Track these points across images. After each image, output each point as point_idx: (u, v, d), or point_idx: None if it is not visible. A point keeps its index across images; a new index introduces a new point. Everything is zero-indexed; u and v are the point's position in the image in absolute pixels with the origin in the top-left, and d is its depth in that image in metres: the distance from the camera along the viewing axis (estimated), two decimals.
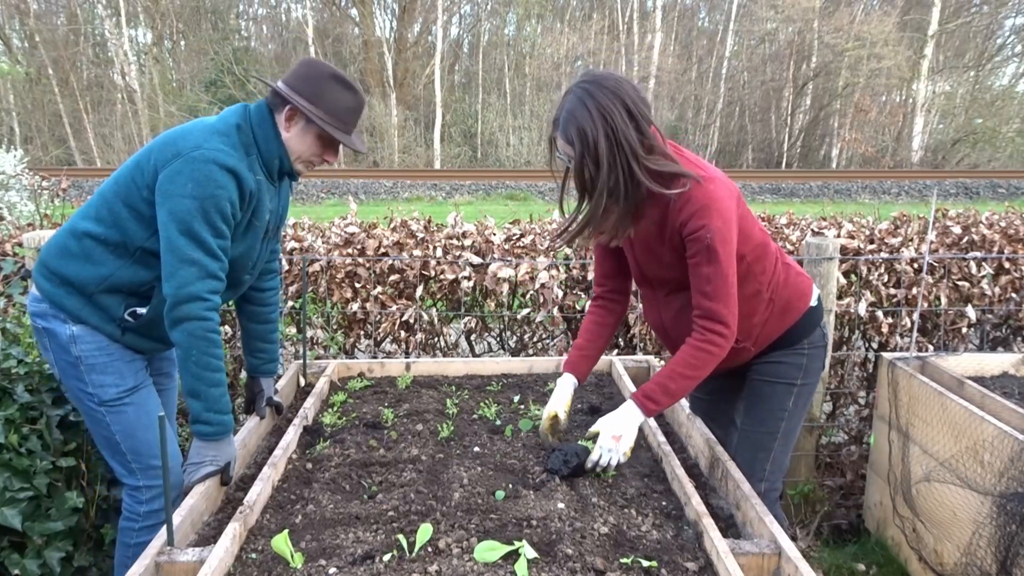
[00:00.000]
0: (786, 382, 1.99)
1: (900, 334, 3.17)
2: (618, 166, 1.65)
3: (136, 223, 1.77)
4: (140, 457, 1.90)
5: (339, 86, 1.84)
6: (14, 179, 5.30)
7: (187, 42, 25.07)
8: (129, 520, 1.94)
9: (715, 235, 1.68)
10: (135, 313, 1.85)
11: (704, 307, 1.75)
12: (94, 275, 1.80)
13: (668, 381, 1.78)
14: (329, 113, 1.82)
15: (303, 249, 3.08)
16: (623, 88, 1.65)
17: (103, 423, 1.87)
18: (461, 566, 1.34)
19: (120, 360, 1.88)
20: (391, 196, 14.49)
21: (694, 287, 1.76)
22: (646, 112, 1.68)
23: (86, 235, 1.81)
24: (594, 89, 1.64)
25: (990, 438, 2.15)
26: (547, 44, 24.61)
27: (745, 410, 2.06)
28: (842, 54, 23.15)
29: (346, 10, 25.76)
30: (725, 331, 1.74)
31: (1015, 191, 15.82)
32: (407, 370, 2.61)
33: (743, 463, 1.91)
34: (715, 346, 1.75)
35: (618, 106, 1.63)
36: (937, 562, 2.41)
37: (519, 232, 3.23)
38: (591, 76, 1.68)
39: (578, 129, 1.64)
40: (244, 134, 1.81)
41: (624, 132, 1.63)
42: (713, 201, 1.70)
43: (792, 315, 1.95)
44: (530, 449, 1.94)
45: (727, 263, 1.71)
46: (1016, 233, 3.39)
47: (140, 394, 1.91)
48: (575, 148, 1.66)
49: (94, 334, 1.83)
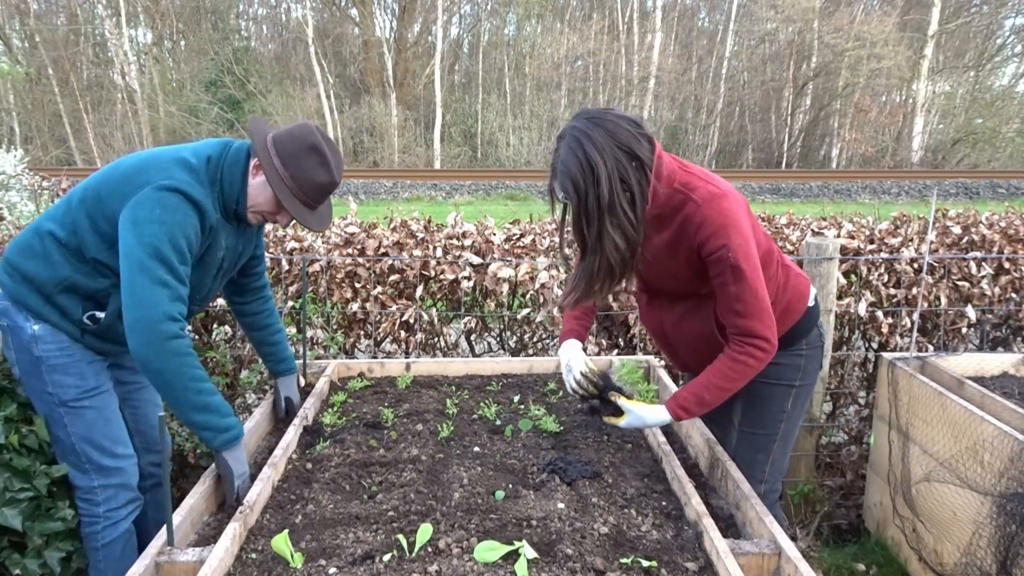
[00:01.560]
0: (784, 383, 1.98)
1: (900, 334, 3.17)
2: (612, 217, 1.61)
3: (93, 235, 1.79)
4: (92, 458, 1.91)
5: (318, 161, 1.81)
6: (14, 179, 5.30)
7: (187, 42, 25.07)
8: (91, 525, 1.95)
9: (737, 252, 1.66)
10: (94, 317, 1.86)
11: (739, 326, 1.73)
12: (52, 275, 1.82)
13: (704, 392, 1.76)
14: (295, 180, 1.81)
15: (303, 249, 3.08)
16: (618, 128, 1.60)
17: (60, 423, 1.88)
18: (461, 566, 1.34)
19: (82, 361, 1.88)
20: (391, 196, 14.49)
21: (723, 306, 1.74)
22: (647, 148, 1.63)
23: (49, 235, 1.83)
24: (585, 136, 1.59)
25: (990, 438, 2.15)
26: (547, 44, 24.60)
27: (743, 412, 2.06)
28: (842, 54, 23.15)
29: (346, 10, 25.77)
30: (765, 345, 1.73)
31: (1015, 191, 15.82)
32: (407, 370, 2.61)
33: (742, 465, 1.91)
34: (753, 358, 1.73)
35: (608, 151, 1.58)
36: (937, 562, 2.41)
37: (519, 232, 3.23)
38: (583, 117, 1.63)
39: (572, 180, 1.60)
40: (212, 170, 1.82)
41: (618, 179, 1.59)
42: (728, 219, 1.68)
43: (791, 317, 1.95)
44: (530, 449, 1.94)
45: (754, 277, 1.69)
46: (1016, 233, 3.39)
47: (101, 397, 1.92)
48: (572, 200, 1.63)
49: (56, 334, 1.84)
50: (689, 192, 1.71)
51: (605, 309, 3.06)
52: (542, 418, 2.12)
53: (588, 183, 1.58)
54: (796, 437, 2.15)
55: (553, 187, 1.70)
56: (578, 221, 1.65)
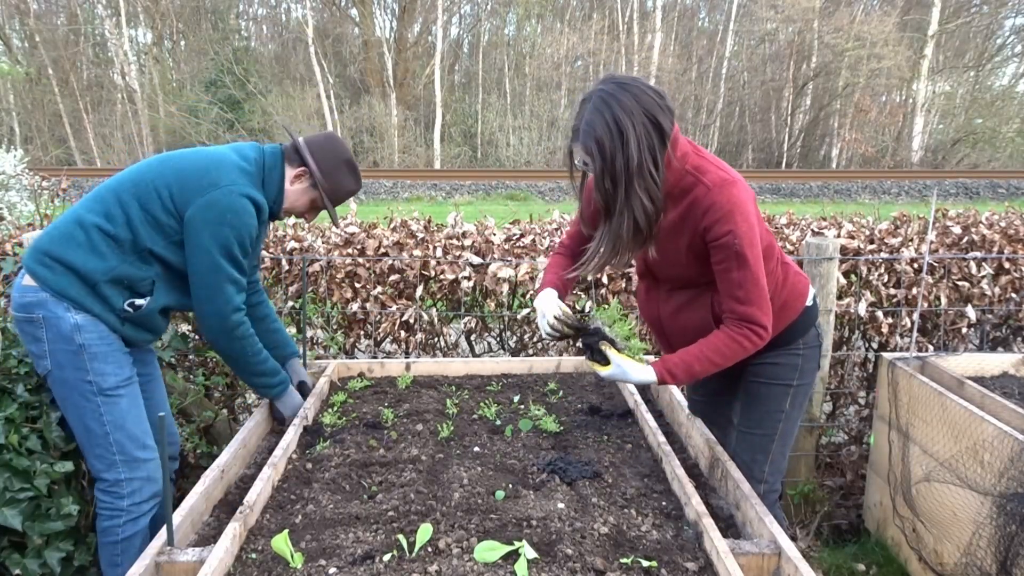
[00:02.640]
0: (782, 383, 1.98)
1: (900, 334, 3.17)
2: (640, 179, 1.63)
3: (150, 227, 1.91)
4: (125, 449, 1.94)
5: (351, 172, 2.14)
6: (14, 179, 5.31)
7: (187, 42, 25.07)
8: (111, 518, 1.96)
9: (742, 239, 1.68)
10: (134, 304, 1.96)
11: (738, 312, 1.74)
12: (100, 266, 1.89)
13: (694, 361, 1.77)
14: (333, 190, 2.12)
15: (303, 249, 3.08)
16: (644, 95, 1.62)
17: (96, 413, 1.91)
18: (461, 566, 1.34)
19: (119, 351, 1.96)
20: (391, 196, 14.49)
21: (724, 292, 1.76)
22: (668, 119, 1.64)
23: (95, 228, 1.89)
24: (613, 98, 1.60)
25: (990, 438, 2.15)
26: (547, 44, 24.60)
27: (742, 412, 2.06)
28: (842, 54, 23.15)
29: (346, 10, 25.76)
30: (761, 332, 1.75)
31: (1015, 191, 15.82)
32: (407, 370, 2.61)
33: (741, 465, 1.91)
34: (749, 341, 1.75)
35: (637, 115, 1.60)
36: (937, 562, 2.41)
37: (519, 232, 3.23)
38: (611, 81, 1.64)
39: (597, 141, 1.61)
40: (259, 173, 2.04)
41: (645, 144, 1.60)
42: (736, 206, 1.69)
43: (789, 314, 1.95)
44: (530, 449, 1.94)
45: (756, 266, 1.71)
46: (1016, 233, 3.39)
47: (133, 387, 2.00)
48: (595, 162, 1.63)
49: (96, 323, 1.90)
50: (700, 175, 1.72)
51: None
52: (542, 418, 2.12)
53: (615, 145, 1.60)
54: (796, 437, 2.15)
55: (573, 149, 1.70)
56: (602, 183, 1.65)
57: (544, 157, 22.80)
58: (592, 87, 1.68)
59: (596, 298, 3.02)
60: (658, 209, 1.69)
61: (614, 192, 1.65)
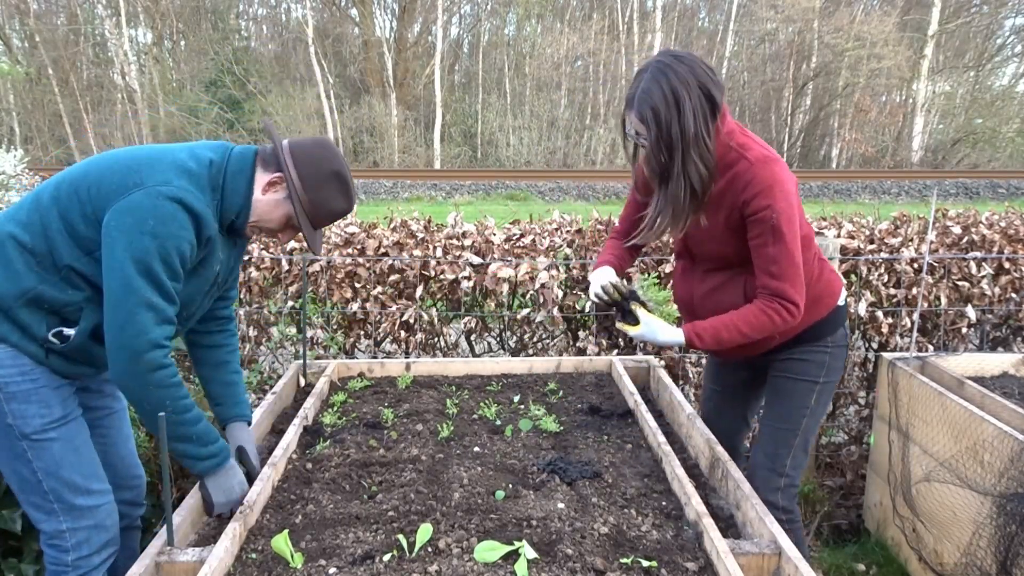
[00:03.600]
0: (809, 380, 1.99)
1: (900, 334, 3.17)
2: (695, 147, 1.68)
3: (67, 239, 1.56)
4: (63, 497, 1.65)
5: (339, 189, 1.72)
6: (14, 179, 5.30)
7: (187, 42, 25.07)
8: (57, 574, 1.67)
9: (780, 215, 1.71)
10: (61, 334, 1.61)
11: (772, 287, 1.77)
12: (13, 287, 1.56)
13: (723, 329, 1.81)
14: (314, 206, 1.70)
15: (303, 249, 3.08)
16: (699, 68, 1.67)
17: (24, 459, 1.61)
18: (461, 566, 1.34)
19: (46, 387, 1.63)
20: (391, 196, 14.48)
21: (759, 267, 1.78)
22: (720, 93, 1.70)
23: (10, 239, 1.58)
24: (670, 68, 1.66)
25: (990, 438, 2.15)
26: (547, 44, 24.59)
27: (767, 406, 2.07)
28: (842, 54, 23.14)
29: (346, 10, 25.76)
30: (793, 309, 1.77)
31: (1015, 191, 15.81)
32: (407, 370, 2.61)
33: (766, 458, 1.95)
34: (779, 316, 1.77)
35: (693, 86, 1.65)
36: (937, 562, 2.41)
37: (519, 232, 3.23)
38: (668, 54, 1.70)
39: (653, 109, 1.66)
40: (214, 176, 1.64)
41: (700, 114, 1.66)
42: (777, 182, 1.72)
43: (820, 310, 1.96)
44: (530, 449, 1.94)
45: (792, 243, 1.74)
46: (1016, 233, 3.38)
47: (69, 427, 1.67)
48: (650, 130, 1.68)
49: (16, 355, 1.59)
50: (743, 151, 1.77)
51: (606, 309, 3.05)
52: (542, 418, 2.12)
53: (671, 113, 1.65)
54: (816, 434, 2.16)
55: (626, 118, 1.75)
56: (657, 150, 1.71)
57: (544, 157, 22.79)
58: (648, 60, 1.73)
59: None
60: (711, 174, 1.73)
61: (669, 159, 1.71)
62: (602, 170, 19.95)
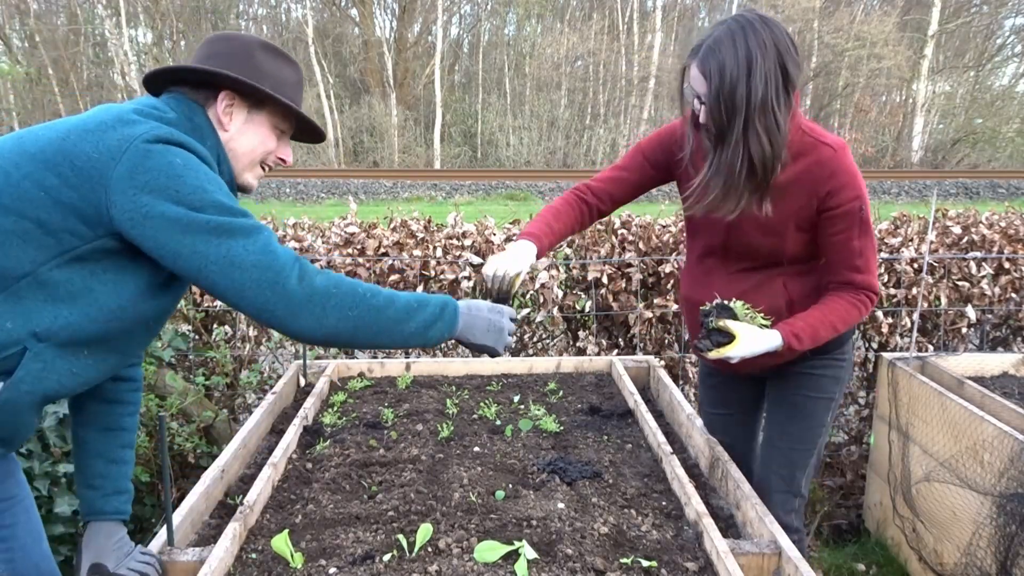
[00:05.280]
0: (826, 396, 1.90)
1: (900, 334, 3.17)
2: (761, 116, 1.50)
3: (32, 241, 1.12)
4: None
5: (274, 57, 1.38)
6: None
7: (187, 42, 25.06)
8: None
9: (865, 206, 1.64)
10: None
11: (858, 281, 1.70)
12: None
13: (820, 327, 1.69)
14: (277, 88, 1.37)
15: (303, 249, 3.08)
16: (783, 37, 1.51)
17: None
18: (461, 566, 1.34)
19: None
20: (391, 196, 14.48)
21: (842, 263, 1.69)
22: (797, 70, 1.54)
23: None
24: (750, 26, 1.49)
25: (990, 438, 2.15)
26: (547, 44, 24.60)
27: (780, 424, 1.95)
28: (842, 54, 23.16)
29: (346, 10, 25.77)
30: (875, 299, 1.73)
31: (1015, 191, 15.82)
32: (407, 370, 2.61)
33: (781, 481, 1.87)
34: (866, 308, 1.72)
35: (771, 53, 1.48)
36: (937, 562, 2.41)
37: (519, 232, 3.23)
38: (755, 13, 1.53)
39: (719, 64, 1.49)
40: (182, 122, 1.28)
41: (773, 83, 1.49)
42: (858, 172, 1.64)
43: None
44: (530, 449, 1.94)
45: (873, 236, 1.70)
46: (1016, 233, 3.39)
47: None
48: (711, 84, 1.51)
49: None
50: (819, 137, 1.64)
51: (605, 308, 3.05)
52: (542, 418, 2.12)
53: (739, 73, 1.48)
54: None
55: (687, 67, 1.57)
56: (717, 109, 1.52)
57: (544, 157, 22.79)
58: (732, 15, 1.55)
59: (596, 298, 3.01)
60: (777, 154, 1.55)
61: (729, 122, 1.52)
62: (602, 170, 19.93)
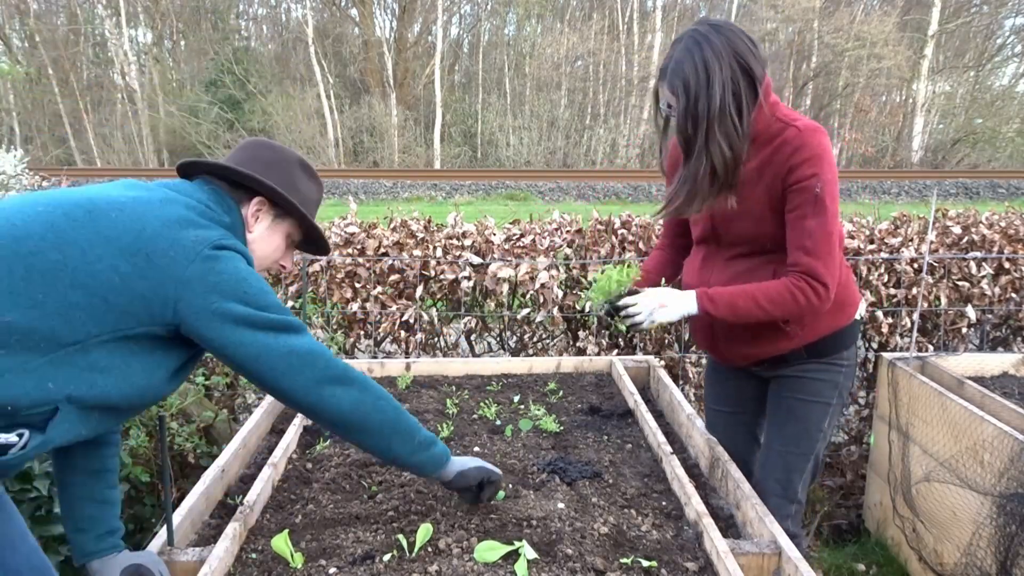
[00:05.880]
0: (822, 401, 1.89)
1: (900, 334, 3.17)
2: (720, 124, 1.60)
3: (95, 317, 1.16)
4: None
5: (307, 176, 1.50)
6: (14, 179, 5.31)
7: (187, 42, 25.08)
8: None
9: (826, 186, 1.63)
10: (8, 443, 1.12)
11: (803, 263, 1.66)
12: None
13: (738, 296, 1.70)
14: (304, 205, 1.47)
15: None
16: (738, 39, 1.60)
17: None
18: (461, 566, 1.34)
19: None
20: (391, 196, 14.48)
21: (793, 242, 1.68)
22: (760, 66, 1.62)
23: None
24: (705, 39, 1.59)
25: (990, 438, 2.15)
26: (547, 44, 24.58)
27: (776, 427, 1.96)
28: (842, 54, 23.14)
29: (346, 10, 25.76)
30: (821, 291, 1.67)
31: (1015, 191, 15.81)
32: (407, 370, 2.61)
33: (777, 484, 1.86)
34: (804, 297, 1.66)
35: (727, 59, 1.58)
36: (937, 562, 2.41)
37: (519, 232, 3.23)
38: (705, 23, 1.62)
39: (683, 81, 1.59)
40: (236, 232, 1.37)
41: (731, 88, 1.58)
42: (824, 152, 1.65)
43: (839, 320, 1.86)
44: (530, 449, 1.94)
45: (832, 220, 1.65)
46: (1016, 233, 3.39)
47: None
48: (678, 101, 1.62)
49: None
50: (790, 121, 1.69)
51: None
52: (542, 418, 2.12)
53: (700, 86, 1.58)
54: None
55: (659, 89, 1.68)
56: (684, 123, 1.63)
57: (544, 157, 22.79)
58: (686, 29, 1.66)
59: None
60: (736, 157, 1.64)
61: (694, 134, 1.63)
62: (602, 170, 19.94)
